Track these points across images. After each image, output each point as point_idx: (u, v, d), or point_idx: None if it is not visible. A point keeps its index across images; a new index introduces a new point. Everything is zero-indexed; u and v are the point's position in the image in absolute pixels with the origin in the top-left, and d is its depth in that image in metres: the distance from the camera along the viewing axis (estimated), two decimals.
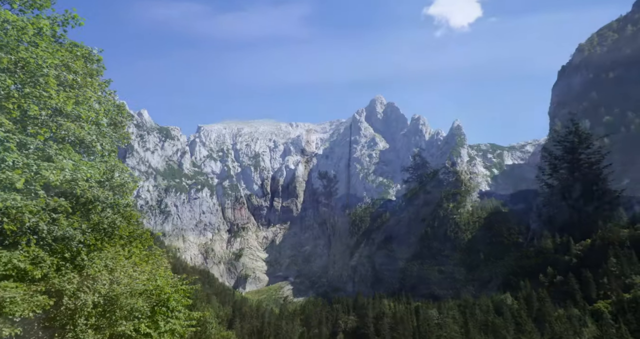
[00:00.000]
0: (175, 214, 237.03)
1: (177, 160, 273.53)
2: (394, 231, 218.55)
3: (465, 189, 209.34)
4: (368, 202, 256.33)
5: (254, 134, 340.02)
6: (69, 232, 10.84)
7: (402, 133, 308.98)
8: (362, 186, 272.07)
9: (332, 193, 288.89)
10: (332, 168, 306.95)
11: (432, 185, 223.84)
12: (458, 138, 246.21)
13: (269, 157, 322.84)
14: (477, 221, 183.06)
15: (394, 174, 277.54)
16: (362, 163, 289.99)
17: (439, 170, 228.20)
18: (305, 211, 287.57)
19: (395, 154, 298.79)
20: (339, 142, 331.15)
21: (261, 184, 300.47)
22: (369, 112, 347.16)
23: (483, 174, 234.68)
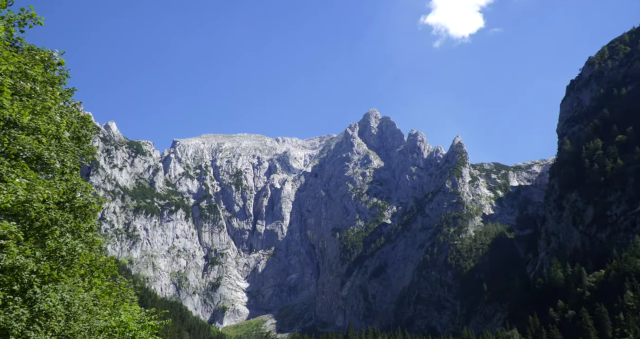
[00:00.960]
0: (145, 239, 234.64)
1: (149, 178, 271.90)
2: (389, 258, 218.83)
3: (467, 212, 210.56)
4: (361, 226, 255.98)
5: (236, 150, 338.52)
6: (19, 261, 10.49)
7: (399, 150, 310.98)
8: (354, 208, 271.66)
9: (322, 215, 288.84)
10: (322, 187, 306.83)
11: (431, 207, 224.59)
12: (459, 156, 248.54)
13: (252, 175, 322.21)
14: (480, 247, 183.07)
15: (390, 195, 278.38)
16: (354, 182, 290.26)
17: (439, 191, 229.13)
18: (291, 235, 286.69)
19: (390, 172, 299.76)
20: (330, 159, 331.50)
21: (243, 205, 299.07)
22: (363, 127, 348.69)
23: (486, 196, 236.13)
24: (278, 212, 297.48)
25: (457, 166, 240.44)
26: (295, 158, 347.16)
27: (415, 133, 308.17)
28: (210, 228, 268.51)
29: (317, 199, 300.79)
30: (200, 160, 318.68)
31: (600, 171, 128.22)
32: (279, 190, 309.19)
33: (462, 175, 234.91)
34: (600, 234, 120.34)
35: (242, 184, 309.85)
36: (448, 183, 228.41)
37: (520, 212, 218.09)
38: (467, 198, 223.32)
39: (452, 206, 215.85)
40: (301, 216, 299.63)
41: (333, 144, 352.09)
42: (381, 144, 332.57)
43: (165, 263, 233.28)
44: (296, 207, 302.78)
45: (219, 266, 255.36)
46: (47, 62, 12.38)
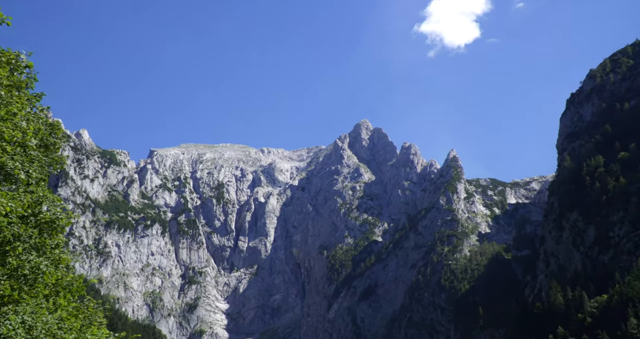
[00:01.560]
0: (117, 256, 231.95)
1: (123, 190, 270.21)
2: (380, 278, 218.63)
3: (463, 230, 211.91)
4: (350, 244, 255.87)
5: (218, 161, 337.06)
6: None
7: (391, 163, 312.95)
8: (343, 224, 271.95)
9: (308, 232, 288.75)
10: (309, 202, 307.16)
11: (424, 225, 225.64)
12: (454, 171, 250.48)
13: (234, 188, 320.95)
14: (475, 268, 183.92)
15: (381, 211, 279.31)
16: (343, 197, 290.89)
17: (433, 207, 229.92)
18: (275, 253, 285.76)
19: (382, 187, 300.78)
20: (318, 172, 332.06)
21: (224, 220, 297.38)
22: (353, 138, 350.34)
23: (482, 213, 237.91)
24: (262, 228, 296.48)
25: (452, 181, 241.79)
26: (281, 170, 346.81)
27: (409, 146, 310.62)
28: (189, 244, 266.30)
29: (303, 214, 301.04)
30: (179, 171, 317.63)
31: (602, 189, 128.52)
32: (264, 204, 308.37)
33: (457, 191, 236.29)
34: (602, 256, 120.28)
35: (224, 197, 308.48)
36: (442, 199, 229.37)
37: (518, 232, 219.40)
38: (462, 215, 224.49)
39: (446, 223, 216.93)
40: (286, 232, 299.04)
41: (321, 156, 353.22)
42: (372, 157, 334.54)
43: (138, 282, 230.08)
44: (281, 223, 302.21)
45: (197, 286, 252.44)
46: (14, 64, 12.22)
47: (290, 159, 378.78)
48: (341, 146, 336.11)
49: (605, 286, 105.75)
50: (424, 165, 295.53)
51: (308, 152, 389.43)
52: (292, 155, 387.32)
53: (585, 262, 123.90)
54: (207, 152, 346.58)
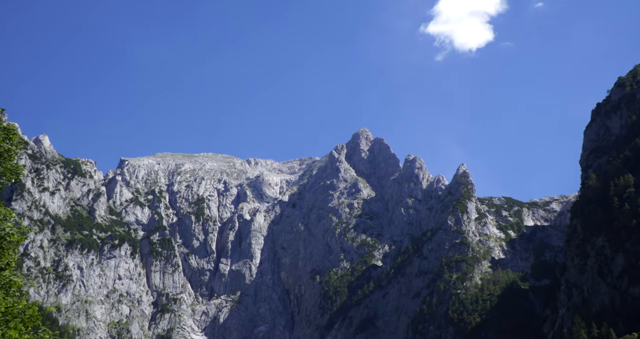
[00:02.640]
0: (79, 281, 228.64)
1: (88, 205, 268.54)
2: (379, 308, 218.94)
3: (473, 255, 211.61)
4: (346, 268, 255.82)
5: (198, 172, 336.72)
6: None
7: (393, 178, 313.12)
8: (338, 246, 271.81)
9: (299, 254, 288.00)
10: (301, 220, 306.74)
11: (430, 248, 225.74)
12: (464, 188, 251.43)
13: (216, 204, 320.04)
14: (488, 299, 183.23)
15: (381, 231, 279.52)
16: (339, 215, 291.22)
17: (439, 228, 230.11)
18: (261, 278, 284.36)
19: (383, 205, 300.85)
20: (311, 186, 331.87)
21: (204, 239, 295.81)
22: (351, 149, 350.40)
23: (496, 236, 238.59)
24: (247, 249, 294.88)
25: (461, 199, 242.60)
26: (270, 184, 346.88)
27: (413, 159, 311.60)
28: (162, 267, 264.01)
29: (294, 234, 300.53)
30: (153, 184, 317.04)
31: (632, 212, 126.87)
32: (249, 222, 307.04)
33: (468, 210, 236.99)
34: (633, 288, 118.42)
35: (204, 213, 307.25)
36: (451, 220, 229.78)
37: (536, 258, 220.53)
38: (472, 238, 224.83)
39: (455, 247, 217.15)
40: (274, 254, 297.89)
41: (315, 169, 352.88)
42: (372, 171, 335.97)
43: (102, 311, 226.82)
44: (269, 244, 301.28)
45: (170, 315, 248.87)
46: None
47: (280, 171, 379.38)
48: (337, 157, 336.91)
49: (636, 323, 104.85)
50: (430, 181, 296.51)
51: (300, 164, 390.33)
52: (283, 167, 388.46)
53: (613, 294, 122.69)
54: (186, 162, 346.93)
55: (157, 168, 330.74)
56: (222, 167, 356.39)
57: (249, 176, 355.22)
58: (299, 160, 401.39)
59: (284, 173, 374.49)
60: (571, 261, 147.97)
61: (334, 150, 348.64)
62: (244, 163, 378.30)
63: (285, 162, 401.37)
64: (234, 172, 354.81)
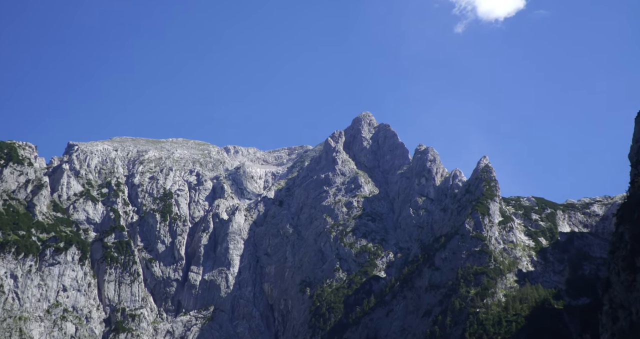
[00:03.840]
0: (11, 292, 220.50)
1: (26, 199, 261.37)
2: (382, 328, 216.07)
3: (496, 267, 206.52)
4: (342, 279, 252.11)
5: (165, 162, 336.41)
6: None
7: (400, 172, 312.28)
8: (333, 252, 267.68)
9: (286, 262, 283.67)
10: (289, 221, 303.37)
11: (444, 257, 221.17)
12: (486, 185, 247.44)
13: (187, 200, 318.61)
14: (513, 320, 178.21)
15: (386, 236, 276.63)
16: (335, 216, 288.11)
17: (456, 234, 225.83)
18: (240, 290, 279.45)
19: (388, 204, 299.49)
20: (302, 180, 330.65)
21: (171, 242, 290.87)
22: (351, 137, 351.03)
23: (524, 244, 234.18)
24: (223, 254, 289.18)
25: (482, 199, 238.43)
26: (252, 177, 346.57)
27: (425, 150, 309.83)
28: (119, 276, 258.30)
29: (280, 237, 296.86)
30: (109, 174, 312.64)
31: None
32: (226, 222, 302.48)
33: (490, 212, 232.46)
34: None
35: (172, 211, 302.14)
36: (469, 223, 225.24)
37: (573, 272, 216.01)
38: (495, 246, 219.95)
39: (473, 256, 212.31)
40: (257, 261, 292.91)
41: (307, 160, 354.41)
42: (376, 163, 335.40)
43: (41, 330, 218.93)
44: (250, 249, 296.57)
45: (127, 335, 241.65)
46: None
47: (265, 162, 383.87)
48: (334, 146, 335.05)
49: None
50: (445, 176, 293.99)
51: (289, 153, 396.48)
52: (268, 157, 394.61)
53: None
54: (150, 149, 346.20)
55: (114, 155, 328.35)
56: (195, 156, 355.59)
57: (227, 167, 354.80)
58: (288, 149, 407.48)
59: (270, 164, 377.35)
60: (617, 276, 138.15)
61: (330, 137, 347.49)
62: (222, 151, 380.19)
63: (271, 151, 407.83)
64: (209, 162, 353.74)
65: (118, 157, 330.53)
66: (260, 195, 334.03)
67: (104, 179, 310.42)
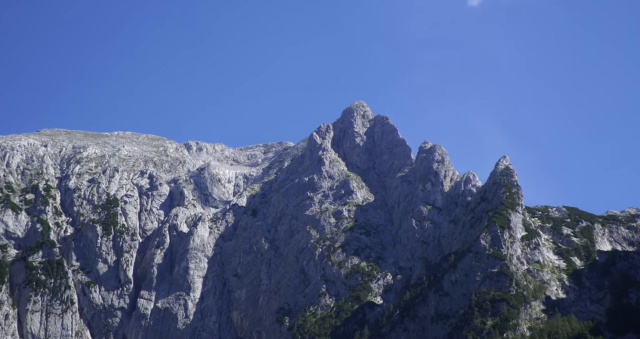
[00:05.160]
0: None
1: None
2: None
3: (519, 293, 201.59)
4: (329, 307, 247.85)
5: (109, 160, 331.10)
6: None
7: (401, 175, 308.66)
8: (318, 273, 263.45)
9: (261, 285, 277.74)
10: (264, 234, 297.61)
11: (454, 279, 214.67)
12: (506, 192, 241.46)
13: (136, 209, 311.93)
14: None
15: (383, 253, 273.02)
16: (321, 228, 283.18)
17: (468, 251, 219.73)
18: (203, 320, 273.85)
19: (385, 214, 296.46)
20: (280, 184, 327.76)
21: (116, 262, 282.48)
22: (341, 132, 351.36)
23: (553, 265, 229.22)
24: (181, 276, 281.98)
25: (501, 208, 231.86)
26: (220, 180, 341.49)
27: (431, 148, 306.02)
28: (46, 305, 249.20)
29: (253, 254, 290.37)
30: (36, 176, 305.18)
31: None
32: (186, 236, 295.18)
33: (511, 225, 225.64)
34: None
35: (117, 223, 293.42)
36: (485, 238, 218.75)
37: (616, 300, 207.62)
38: (518, 267, 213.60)
39: (491, 279, 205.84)
40: (224, 284, 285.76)
41: (288, 159, 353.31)
42: (371, 164, 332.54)
43: None
44: (215, 269, 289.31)
45: None
46: None
47: (235, 161, 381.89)
48: (320, 143, 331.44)
49: None
50: (456, 180, 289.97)
51: (265, 151, 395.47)
52: (239, 155, 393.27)
53: None
54: (90, 144, 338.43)
55: (42, 152, 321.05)
56: (148, 154, 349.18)
57: (188, 168, 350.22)
58: (264, 146, 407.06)
59: (241, 164, 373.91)
60: None
61: (315, 132, 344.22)
62: (181, 148, 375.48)
63: (243, 148, 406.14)
64: (166, 162, 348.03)
65: (48, 154, 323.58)
66: (229, 202, 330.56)
67: (29, 182, 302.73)
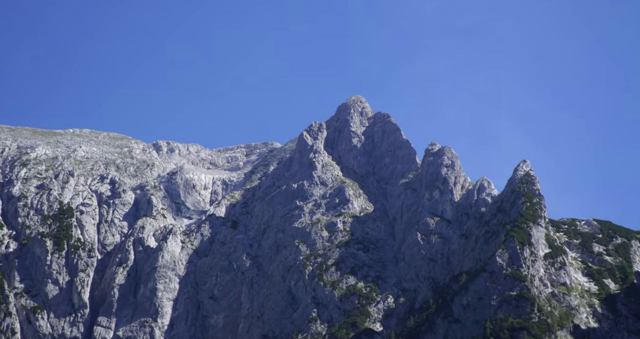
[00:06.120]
0: None
1: None
2: None
3: (542, 320, 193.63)
4: (320, 334, 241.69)
5: (63, 163, 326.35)
6: None
7: (405, 181, 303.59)
8: (308, 295, 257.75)
9: (241, 309, 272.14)
10: (246, 249, 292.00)
11: (466, 303, 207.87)
12: (527, 203, 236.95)
13: (95, 219, 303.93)
14: None
15: (383, 272, 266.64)
16: (312, 242, 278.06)
17: (482, 270, 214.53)
18: None
19: (386, 226, 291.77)
20: (265, 192, 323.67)
21: (69, 282, 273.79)
22: (335, 131, 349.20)
23: (583, 288, 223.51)
24: (147, 299, 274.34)
25: (521, 221, 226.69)
26: (194, 187, 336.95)
27: (440, 150, 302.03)
28: None
29: (233, 273, 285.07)
30: None
31: None
32: (154, 252, 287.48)
33: (532, 241, 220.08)
34: None
35: (72, 236, 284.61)
36: (502, 256, 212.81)
37: None
38: (540, 290, 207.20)
39: (508, 303, 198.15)
40: (197, 308, 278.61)
41: (274, 163, 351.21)
42: (370, 168, 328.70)
43: None
44: (188, 291, 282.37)
45: None
46: None
47: (212, 164, 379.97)
48: (311, 144, 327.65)
49: None
50: (468, 188, 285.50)
51: (248, 153, 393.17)
52: (217, 158, 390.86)
53: None
54: (40, 144, 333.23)
55: None
56: (109, 155, 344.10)
57: (157, 172, 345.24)
58: (246, 147, 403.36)
59: (220, 168, 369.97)
60: None
61: (305, 132, 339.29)
62: (149, 149, 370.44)
63: (222, 149, 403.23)
64: (131, 165, 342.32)
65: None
66: (205, 212, 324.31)
67: None
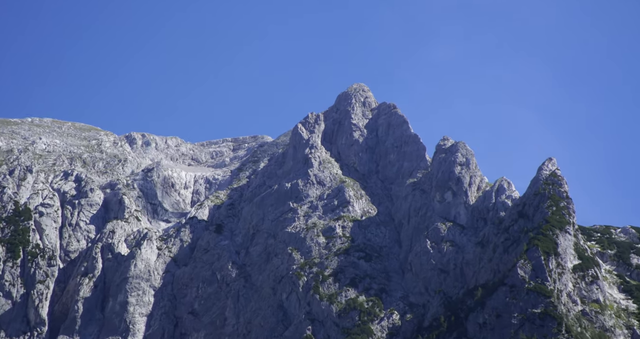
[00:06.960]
0: None
1: None
2: None
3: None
4: None
5: (19, 157, 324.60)
6: None
7: (413, 181, 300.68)
8: (301, 309, 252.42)
9: (225, 325, 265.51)
10: (232, 257, 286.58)
11: (483, 322, 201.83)
12: (552, 207, 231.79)
13: (57, 223, 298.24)
14: None
15: (387, 284, 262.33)
16: (307, 250, 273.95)
17: (501, 284, 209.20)
18: None
19: (391, 232, 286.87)
20: (254, 191, 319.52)
21: (24, 295, 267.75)
22: (334, 123, 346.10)
23: (618, 306, 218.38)
24: (117, 314, 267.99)
25: (546, 227, 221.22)
26: (174, 185, 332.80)
27: (453, 146, 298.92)
28: None
29: (217, 284, 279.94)
30: None
31: None
32: (126, 260, 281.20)
33: (559, 251, 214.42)
34: None
35: (29, 242, 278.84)
36: (524, 267, 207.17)
37: None
38: (568, 307, 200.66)
39: (532, 322, 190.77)
40: (175, 324, 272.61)
41: (264, 159, 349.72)
42: (374, 166, 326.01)
43: None
44: (165, 305, 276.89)
45: None
46: None
47: (194, 160, 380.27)
48: (307, 138, 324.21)
49: None
50: (485, 189, 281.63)
51: (235, 147, 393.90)
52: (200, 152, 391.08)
53: None
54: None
55: None
56: (75, 149, 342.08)
57: (131, 169, 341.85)
58: (233, 141, 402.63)
59: (203, 165, 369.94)
60: None
61: (300, 124, 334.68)
62: (121, 142, 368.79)
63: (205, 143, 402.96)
64: (100, 160, 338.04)
65: None
66: (186, 215, 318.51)
67: None
